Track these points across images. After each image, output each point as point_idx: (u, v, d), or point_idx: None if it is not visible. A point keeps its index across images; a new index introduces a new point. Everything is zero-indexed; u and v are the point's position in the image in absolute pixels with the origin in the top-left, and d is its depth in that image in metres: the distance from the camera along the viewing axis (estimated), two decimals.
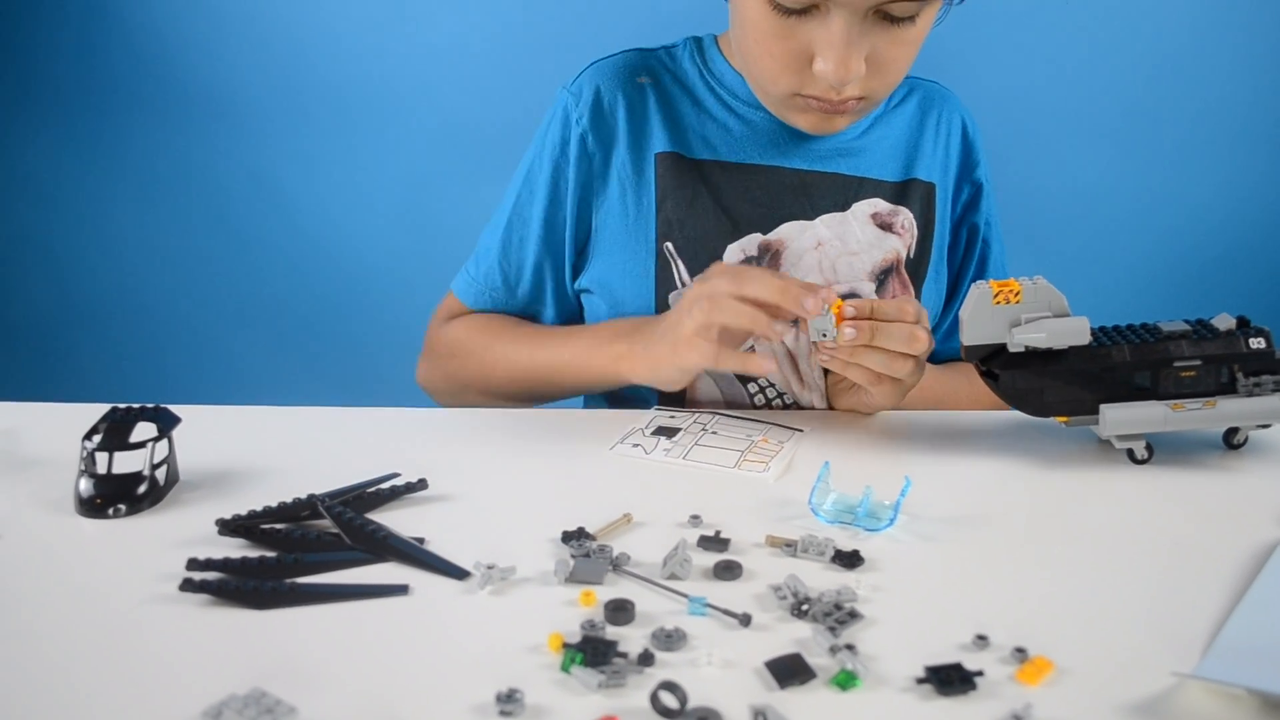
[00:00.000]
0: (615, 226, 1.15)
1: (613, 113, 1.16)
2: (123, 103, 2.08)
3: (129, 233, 2.15)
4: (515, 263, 1.20)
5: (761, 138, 1.16)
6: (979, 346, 0.92)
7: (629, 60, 1.20)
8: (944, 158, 1.21)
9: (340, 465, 0.90)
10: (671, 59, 1.21)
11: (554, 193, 1.17)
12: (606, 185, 1.16)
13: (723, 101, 1.17)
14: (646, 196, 1.14)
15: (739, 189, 1.14)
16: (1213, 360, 0.91)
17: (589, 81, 1.17)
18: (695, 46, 1.21)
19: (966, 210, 1.23)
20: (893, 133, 1.19)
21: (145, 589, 0.73)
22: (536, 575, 0.75)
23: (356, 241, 2.10)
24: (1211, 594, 0.72)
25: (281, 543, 0.79)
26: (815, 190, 1.15)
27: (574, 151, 1.16)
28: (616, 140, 1.16)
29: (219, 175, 2.11)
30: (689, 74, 1.19)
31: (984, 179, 1.24)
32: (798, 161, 1.15)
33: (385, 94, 2.04)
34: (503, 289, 1.21)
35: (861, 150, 1.17)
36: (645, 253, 1.13)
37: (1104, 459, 0.93)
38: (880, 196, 1.16)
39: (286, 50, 2.03)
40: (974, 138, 1.24)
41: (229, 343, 2.19)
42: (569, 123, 1.17)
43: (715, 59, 1.19)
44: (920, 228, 1.17)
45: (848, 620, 0.68)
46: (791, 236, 1.13)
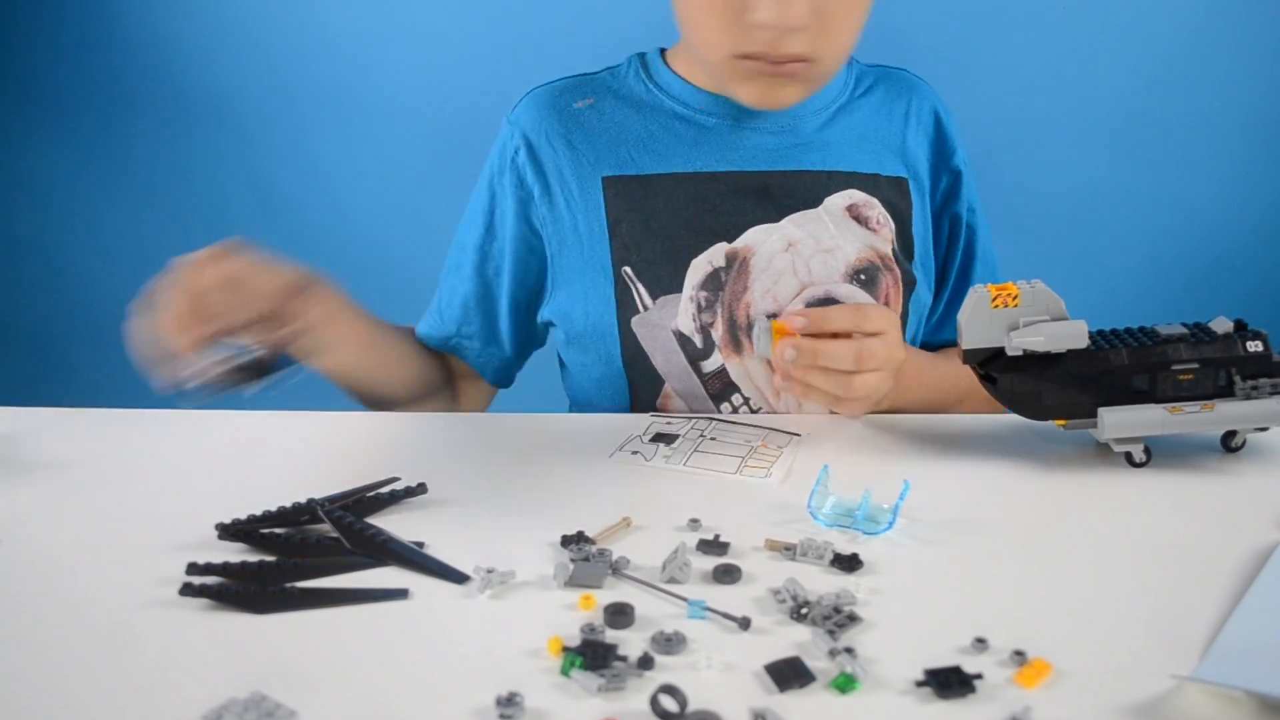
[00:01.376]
0: (570, 255, 1.13)
1: (550, 143, 1.14)
2: (122, 107, 2.09)
3: (127, 237, 2.15)
4: (451, 289, 1.20)
5: (717, 142, 1.13)
6: (977, 350, 0.92)
7: (566, 86, 1.18)
8: (917, 147, 1.18)
9: (340, 469, 0.90)
10: (615, 78, 1.18)
11: (489, 223, 1.17)
12: (555, 214, 1.13)
13: (670, 111, 1.14)
14: (597, 222, 1.12)
15: (697, 199, 1.11)
16: (1210, 363, 0.91)
17: (526, 111, 1.16)
18: (639, 62, 1.18)
19: (946, 199, 1.20)
20: (858, 123, 1.16)
21: (145, 593, 0.73)
22: (536, 579, 0.75)
23: (355, 245, 2.10)
24: (1210, 596, 0.72)
25: (281, 547, 0.79)
26: (779, 190, 1.12)
27: (510, 183, 1.15)
28: (559, 169, 1.13)
29: (217, 179, 2.11)
30: (634, 89, 1.16)
31: (962, 165, 1.20)
32: (759, 163, 1.12)
33: (384, 98, 2.04)
34: (435, 312, 1.21)
35: (825, 144, 1.14)
36: (603, 278, 1.11)
37: (1102, 462, 0.93)
38: (854, 188, 1.13)
39: (285, 54, 2.03)
40: (947, 124, 1.20)
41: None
42: (505, 154, 1.15)
43: (660, 71, 1.16)
44: (896, 221, 1.15)
45: (847, 623, 0.68)
46: (759, 241, 1.10)
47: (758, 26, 0.98)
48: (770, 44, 0.99)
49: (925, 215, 1.18)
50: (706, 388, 1.10)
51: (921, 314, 1.17)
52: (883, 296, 1.12)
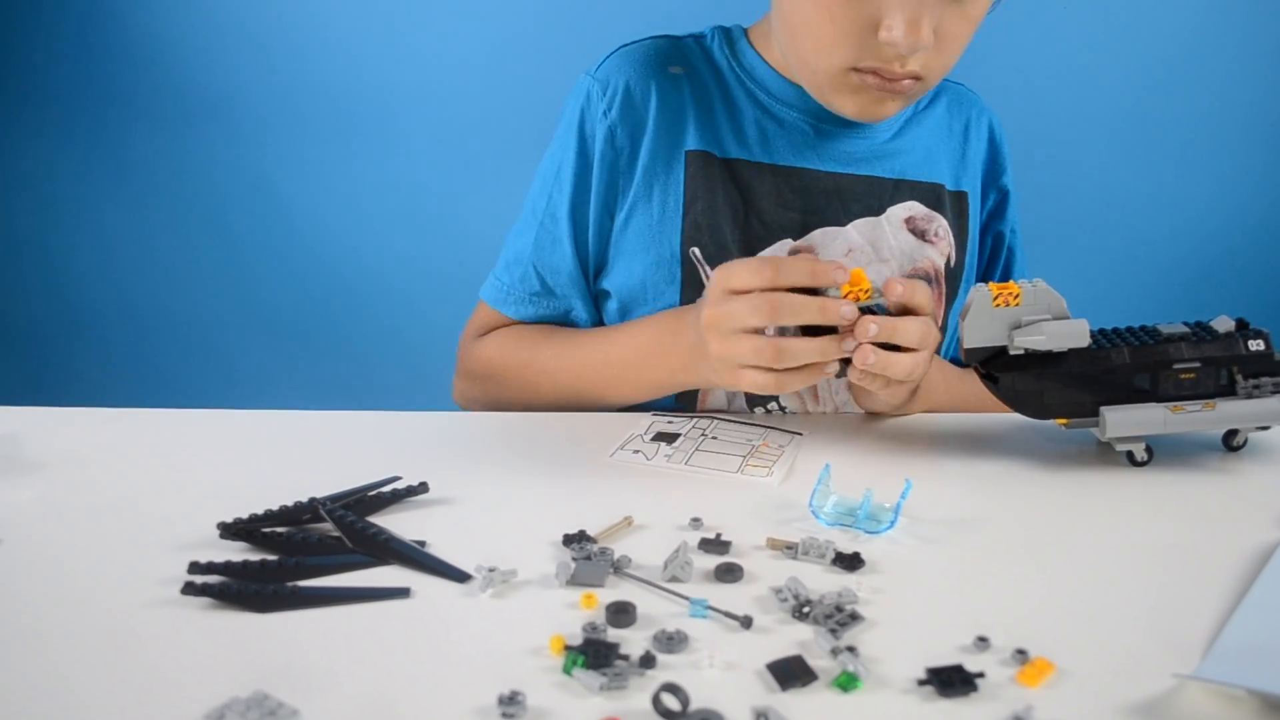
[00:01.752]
0: (638, 227, 1.10)
1: (644, 104, 1.09)
2: (121, 107, 2.09)
3: (127, 237, 2.16)
4: (551, 264, 1.14)
5: (795, 138, 1.11)
6: (979, 349, 0.92)
7: (660, 47, 1.13)
8: (974, 163, 1.18)
9: (341, 468, 0.90)
10: (702, 49, 1.15)
11: (581, 186, 1.12)
12: (632, 183, 1.10)
13: (754, 98, 1.12)
14: (674, 197, 1.09)
15: (771, 191, 1.10)
16: (1212, 362, 0.91)
17: (618, 69, 1.11)
18: (724, 37, 1.15)
19: (992, 217, 1.21)
20: (925, 135, 1.16)
21: (147, 593, 0.73)
22: (538, 578, 0.75)
23: (355, 245, 2.11)
24: (1211, 595, 0.72)
25: (283, 546, 0.79)
26: (849, 194, 1.11)
27: (600, 144, 1.10)
28: (645, 134, 1.10)
29: (216, 179, 2.11)
30: (720, 66, 1.13)
31: (1009, 185, 1.21)
32: (831, 164, 1.11)
33: (383, 98, 2.04)
34: (543, 293, 1.15)
35: (895, 153, 1.13)
36: (669, 256, 1.08)
37: (1103, 461, 0.94)
38: (916, 199, 1.13)
39: (284, 55, 2.03)
40: (1001, 143, 1.21)
41: (227, 347, 2.19)
42: (595, 113, 1.10)
43: (746, 51, 1.13)
44: (956, 236, 1.15)
45: (849, 622, 0.68)
46: (822, 243, 1.09)
47: (885, 44, 0.96)
48: (891, 61, 0.98)
49: (976, 231, 1.18)
50: (748, 396, 1.09)
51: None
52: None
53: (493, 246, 1.22)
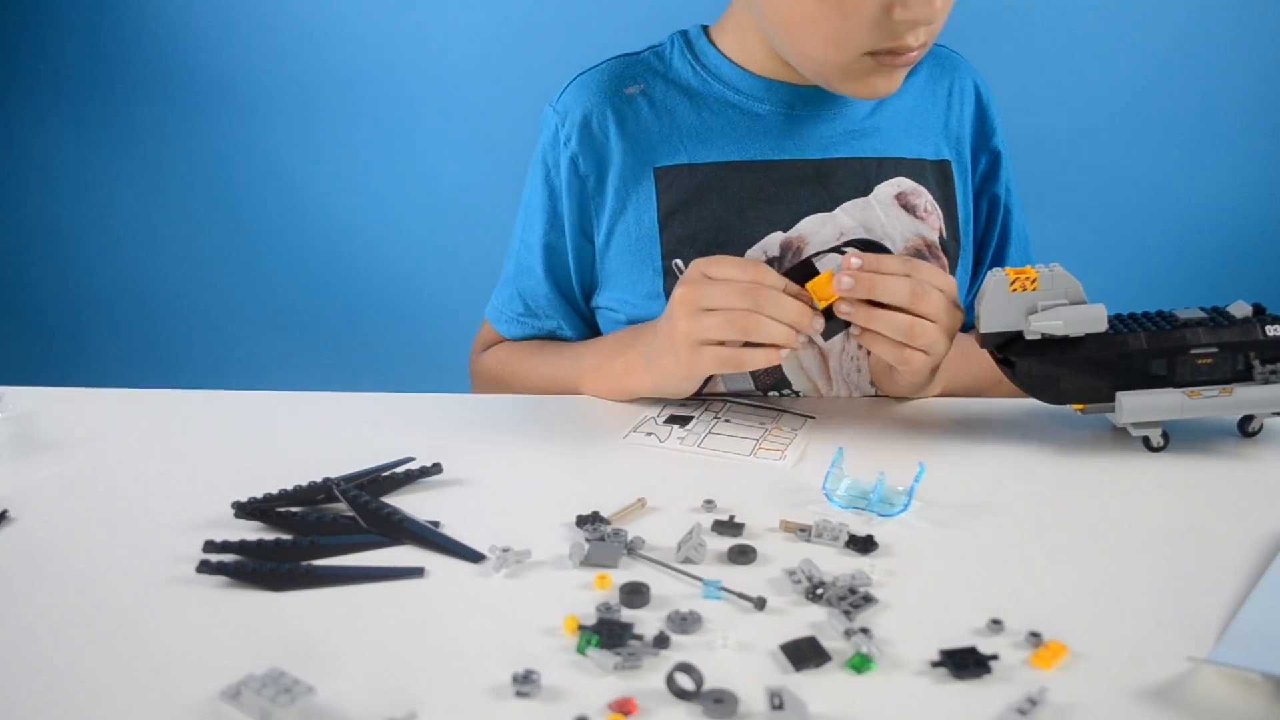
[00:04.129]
0: (619, 247, 1.11)
1: (603, 131, 1.11)
2: (132, 90, 2.09)
3: (139, 219, 2.16)
4: (530, 289, 1.17)
5: (771, 130, 1.10)
6: (995, 334, 0.91)
7: (614, 69, 1.14)
8: (959, 128, 1.16)
9: (355, 449, 0.90)
10: (661, 60, 1.14)
11: (551, 217, 1.14)
12: (604, 206, 1.11)
13: (722, 98, 1.11)
14: (649, 214, 1.09)
15: (752, 188, 1.09)
16: (1229, 348, 0.90)
17: (574, 99, 1.12)
18: (684, 42, 1.14)
19: (985, 180, 1.19)
20: (906, 105, 1.14)
21: (162, 571, 0.73)
22: (551, 559, 0.75)
23: (366, 229, 2.11)
24: (1226, 580, 0.72)
25: (297, 525, 0.79)
26: (833, 178, 1.10)
27: (565, 174, 1.12)
28: (610, 159, 1.11)
29: (228, 163, 2.11)
30: (682, 73, 1.13)
31: (1001, 146, 1.19)
32: (812, 150, 1.10)
33: (396, 83, 2.04)
34: (527, 315, 1.19)
35: (875, 129, 1.12)
36: (653, 272, 1.09)
37: (1119, 446, 0.93)
38: (902, 175, 1.12)
39: (297, 39, 2.03)
40: (988, 103, 1.19)
41: (239, 330, 2.19)
42: (557, 144, 1.12)
43: (707, 51, 1.13)
44: (943, 207, 1.13)
45: (862, 604, 0.69)
46: (812, 231, 1.08)
47: (903, 22, 0.96)
48: (904, 37, 0.98)
49: (967, 197, 1.16)
50: (757, 382, 1.09)
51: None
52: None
53: (503, 232, 1.22)
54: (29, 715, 0.60)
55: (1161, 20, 1.87)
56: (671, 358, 0.95)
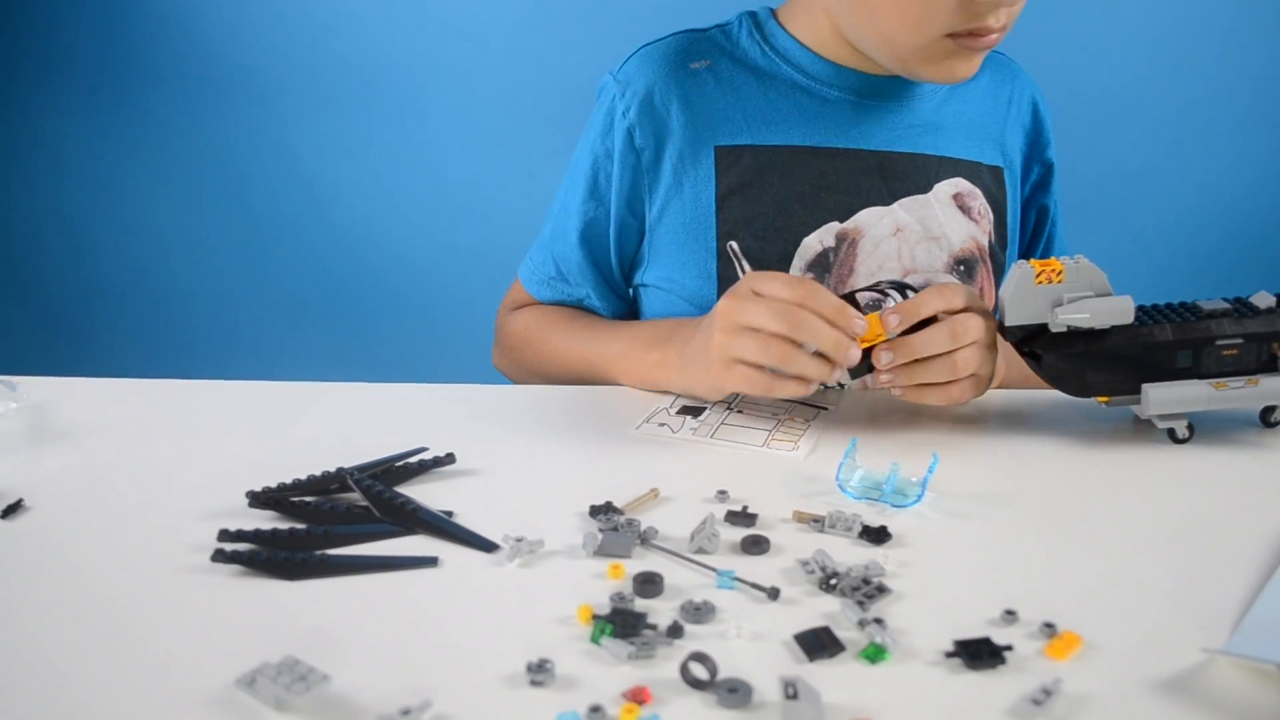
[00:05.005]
0: (672, 224, 1.10)
1: (665, 105, 1.09)
2: (145, 80, 2.09)
3: (151, 209, 2.16)
4: (563, 254, 1.16)
5: (837, 117, 1.10)
6: (1019, 326, 0.91)
7: (680, 44, 1.12)
8: (1014, 137, 1.17)
9: (368, 440, 0.90)
10: (728, 38, 1.13)
11: (593, 187, 1.12)
12: (659, 181, 1.10)
13: (791, 80, 1.10)
14: (706, 193, 1.08)
15: (814, 174, 1.08)
16: (1255, 338, 0.90)
17: (637, 70, 1.10)
18: (752, 23, 1.13)
19: (1036, 190, 1.20)
20: (969, 107, 1.15)
21: (178, 559, 0.74)
22: (565, 549, 0.75)
23: (378, 220, 2.11)
24: (1242, 571, 0.72)
25: (311, 515, 0.79)
26: (894, 172, 1.10)
27: (618, 145, 1.10)
28: (670, 134, 1.09)
29: (241, 153, 2.12)
30: (750, 52, 1.12)
31: (1054, 158, 1.20)
32: (877, 142, 1.10)
33: (407, 74, 2.04)
34: (558, 279, 1.17)
35: (941, 125, 1.12)
36: (705, 252, 1.08)
37: (1139, 437, 0.93)
38: (960, 175, 1.12)
39: (308, 30, 2.03)
40: (1044, 116, 1.20)
41: (250, 321, 2.20)
42: (614, 114, 1.10)
43: (776, 33, 1.12)
44: (995, 211, 1.14)
45: (876, 595, 0.68)
46: (869, 224, 1.08)
47: (983, 1, 0.96)
48: (985, 17, 0.98)
49: (1016, 205, 1.18)
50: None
51: None
52: (978, 287, 1.11)
53: (515, 222, 1.22)
54: (46, 703, 0.60)
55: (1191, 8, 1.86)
56: (704, 368, 0.94)
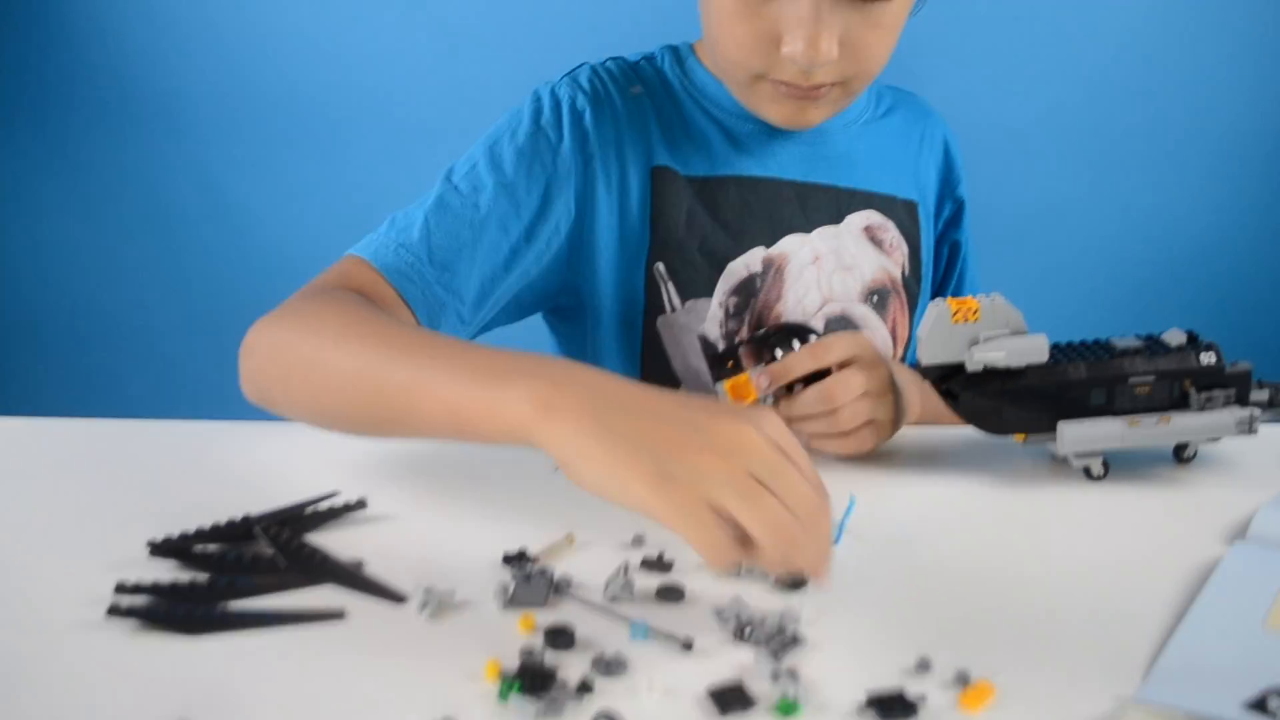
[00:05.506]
0: (603, 241, 1.08)
1: (614, 117, 1.08)
2: (66, 106, 2.05)
3: (66, 238, 2.12)
4: (446, 227, 0.99)
5: (753, 147, 1.11)
6: (936, 366, 0.91)
7: (621, 68, 1.13)
8: (927, 174, 1.20)
9: (279, 483, 0.88)
10: (655, 70, 1.15)
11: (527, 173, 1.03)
12: (594, 193, 1.07)
13: (708, 113, 1.12)
14: (641, 212, 1.08)
15: (740, 203, 1.09)
16: (1166, 376, 0.91)
17: (589, 78, 1.10)
18: (673, 57, 1.15)
19: (948, 227, 1.23)
20: (882, 143, 1.17)
21: (70, 614, 0.71)
22: (476, 599, 0.73)
23: (302, 250, 2.07)
24: (1156, 612, 0.72)
25: (215, 565, 0.77)
26: (810, 202, 1.11)
27: (568, 142, 1.05)
28: (613, 147, 1.08)
29: (164, 181, 2.08)
30: (672, 85, 1.14)
31: (964, 196, 1.23)
32: (794, 172, 1.12)
33: (333, 105, 2.02)
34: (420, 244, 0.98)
35: (854, 160, 1.14)
36: (635, 272, 1.08)
37: (1056, 476, 0.93)
38: (873, 208, 1.13)
39: (233, 59, 2.01)
40: (955, 155, 1.23)
41: (172, 353, 2.16)
42: (560, 113, 1.06)
43: (695, 69, 1.14)
44: (909, 244, 1.15)
45: (790, 644, 0.67)
46: (793, 250, 1.10)
47: (787, 59, 0.96)
48: (796, 76, 0.98)
49: (930, 240, 1.20)
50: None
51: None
52: (891, 319, 1.13)
53: None
54: None
55: (1098, 43, 1.90)
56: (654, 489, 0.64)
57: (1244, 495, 0.89)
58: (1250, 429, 0.92)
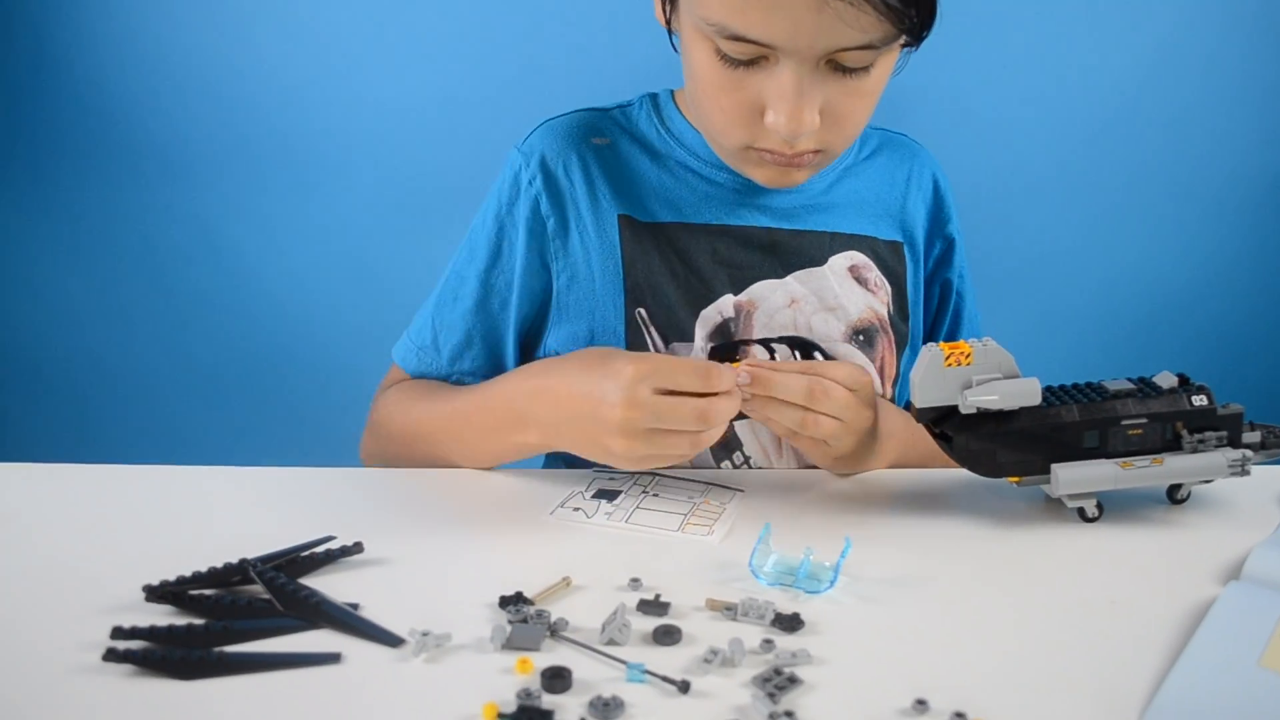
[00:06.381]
0: (581, 291, 1.11)
1: (568, 175, 1.12)
2: (66, 158, 2.06)
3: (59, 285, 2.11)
4: (449, 322, 1.15)
5: (727, 196, 1.13)
6: (930, 408, 0.92)
7: (584, 120, 1.15)
8: (915, 213, 1.20)
9: (275, 527, 0.88)
10: (627, 118, 1.17)
11: (495, 255, 1.13)
12: (567, 249, 1.11)
13: (683, 162, 1.14)
14: (612, 260, 1.10)
15: (706, 250, 1.11)
16: (1158, 418, 0.92)
17: (541, 141, 1.13)
18: (651, 104, 1.17)
19: (939, 265, 1.23)
20: (863, 186, 1.18)
21: (66, 659, 0.71)
22: (473, 642, 0.73)
23: (302, 299, 2.08)
24: (1151, 653, 0.72)
25: (211, 609, 0.76)
26: (785, 248, 1.12)
27: (524, 213, 1.12)
28: (574, 202, 1.11)
29: (158, 228, 2.08)
30: (647, 133, 1.16)
31: (955, 233, 1.23)
32: (766, 219, 1.13)
33: (334, 150, 2.02)
34: (431, 348, 1.16)
35: (831, 205, 1.15)
36: (615, 318, 1.09)
37: (1051, 517, 0.94)
38: (855, 249, 1.14)
39: (229, 104, 2.02)
40: (945, 193, 1.23)
41: (166, 400, 2.15)
42: (519, 184, 1.12)
43: (673, 117, 1.16)
44: (892, 284, 1.16)
45: (787, 685, 0.67)
46: (764, 295, 1.11)
47: (772, 127, 0.98)
48: (782, 144, 1.00)
49: (918, 280, 1.20)
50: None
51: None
52: (879, 358, 1.13)
53: None
54: None
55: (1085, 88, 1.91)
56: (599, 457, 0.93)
57: (1238, 535, 0.89)
58: (1243, 470, 0.92)
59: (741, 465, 1.10)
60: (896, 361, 1.15)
